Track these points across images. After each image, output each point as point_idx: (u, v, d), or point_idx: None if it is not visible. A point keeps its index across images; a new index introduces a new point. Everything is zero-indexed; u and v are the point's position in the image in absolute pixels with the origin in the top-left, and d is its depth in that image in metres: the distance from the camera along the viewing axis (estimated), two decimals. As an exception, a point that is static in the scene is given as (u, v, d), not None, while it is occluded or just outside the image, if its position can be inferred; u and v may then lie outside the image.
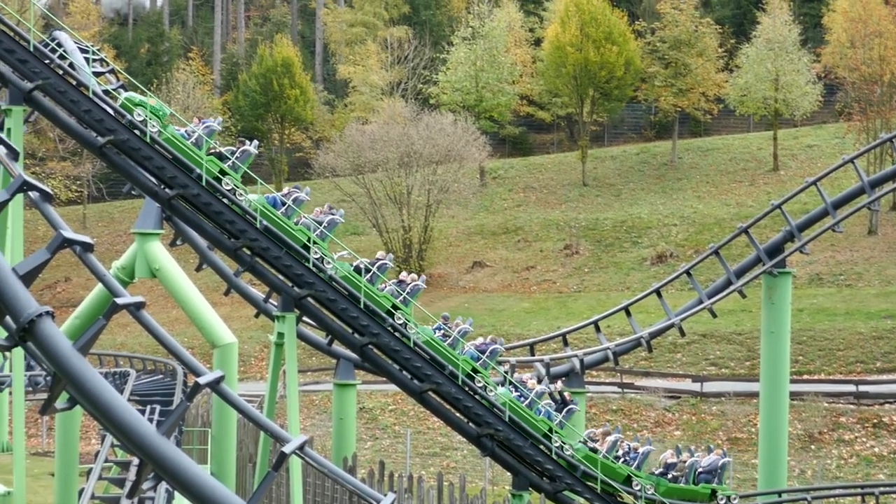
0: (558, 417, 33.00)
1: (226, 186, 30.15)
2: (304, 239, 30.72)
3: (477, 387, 31.91)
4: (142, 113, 29.54)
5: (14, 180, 15.52)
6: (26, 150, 39.23)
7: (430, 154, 75.78)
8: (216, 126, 31.10)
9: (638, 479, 33.47)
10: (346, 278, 31.29)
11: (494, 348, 33.03)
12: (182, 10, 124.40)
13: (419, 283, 32.23)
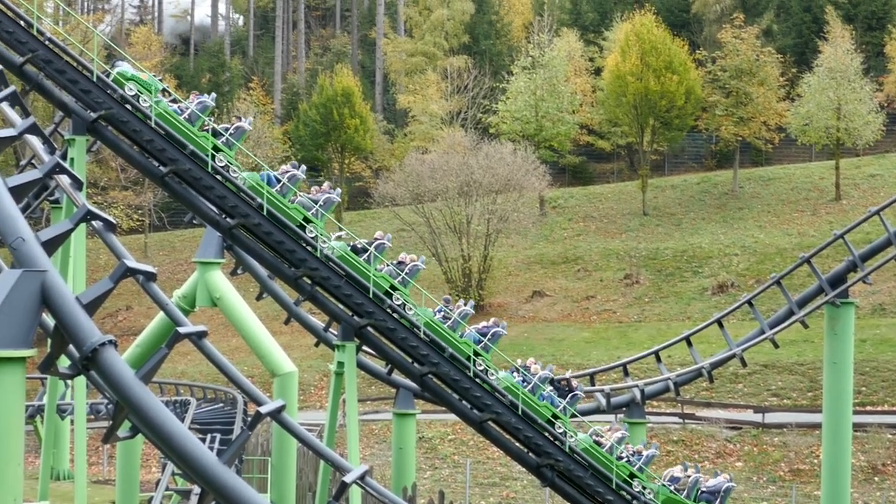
0: (562, 403, 32.52)
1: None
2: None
3: (478, 370, 31.48)
4: (133, 87, 29.59)
5: (78, 210, 15.64)
6: (88, 179, 39.56)
7: (490, 183, 75.70)
8: (209, 102, 31.08)
9: (639, 480, 33.00)
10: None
11: (496, 331, 32.53)
12: (243, 39, 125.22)
13: (418, 264, 31.86)
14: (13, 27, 29.24)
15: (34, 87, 29.95)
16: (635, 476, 32.55)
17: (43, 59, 29.31)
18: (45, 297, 13.77)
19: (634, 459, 33.18)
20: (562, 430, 32.13)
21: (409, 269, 31.41)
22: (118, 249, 18.52)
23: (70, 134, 29.74)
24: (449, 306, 31.98)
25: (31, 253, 14.01)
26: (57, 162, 15.56)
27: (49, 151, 30.21)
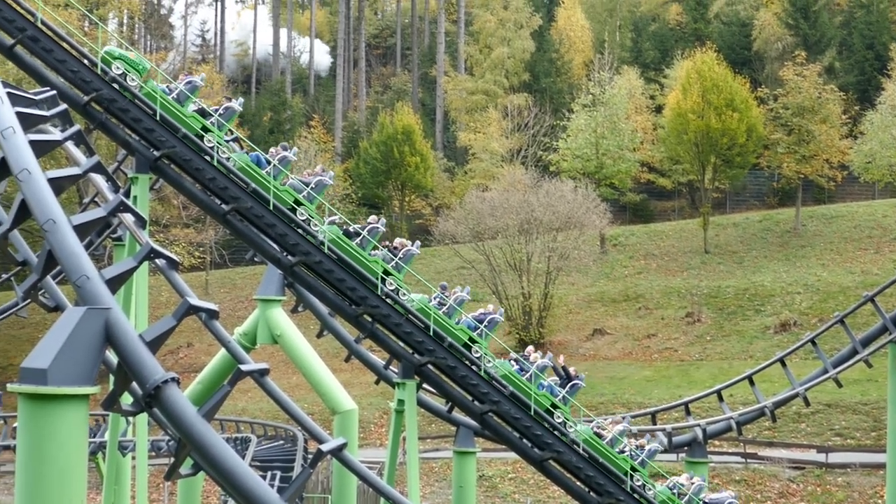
0: (562, 393, 32.12)
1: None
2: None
3: (474, 357, 31.11)
4: (120, 66, 29.69)
5: (141, 248, 15.71)
6: (151, 217, 39.80)
7: (551, 221, 75.60)
8: (199, 82, 31.13)
9: (640, 474, 32.52)
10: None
11: (493, 318, 32.18)
12: (304, 78, 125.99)
13: (412, 249, 31.58)
14: (78, 66, 29.53)
15: (98, 126, 30.20)
16: (637, 470, 32.09)
17: (107, 98, 29.56)
18: (109, 334, 13.84)
19: (637, 453, 32.74)
20: (561, 420, 31.75)
21: (403, 254, 31.20)
22: (181, 287, 18.57)
23: (133, 172, 29.95)
24: (445, 293, 31.69)
25: (95, 290, 14.08)
26: (121, 200, 15.65)
27: (112, 189, 30.48)
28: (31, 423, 13.66)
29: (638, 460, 32.52)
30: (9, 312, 49.15)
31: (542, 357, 32.55)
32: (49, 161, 62.05)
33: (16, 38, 29.41)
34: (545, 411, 31.50)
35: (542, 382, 31.78)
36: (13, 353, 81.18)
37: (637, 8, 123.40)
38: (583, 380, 33.46)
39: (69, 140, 17.73)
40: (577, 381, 32.84)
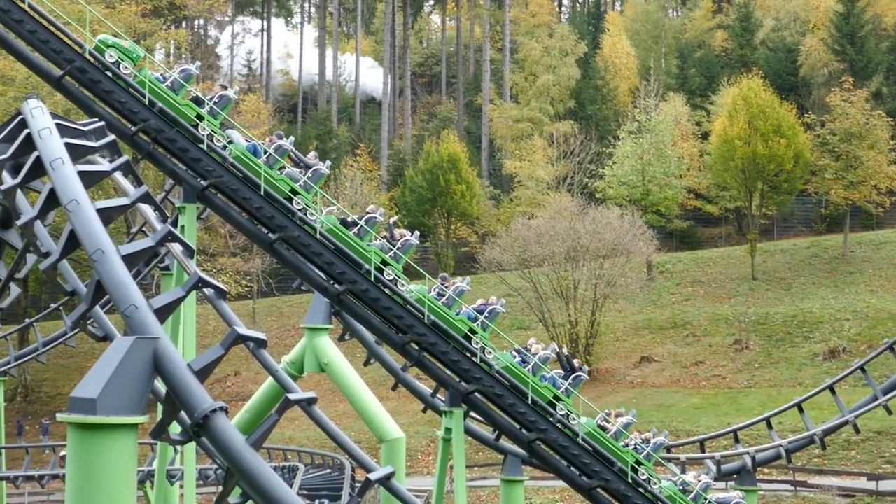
0: (564, 384, 31.82)
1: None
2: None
3: (475, 348, 30.85)
4: (114, 54, 29.77)
5: (190, 277, 15.76)
6: (198, 245, 40.01)
7: (597, 248, 75.44)
8: (194, 70, 31.19)
9: (645, 468, 32.14)
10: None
11: (494, 308, 31.91)
12: (350, 107, 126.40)
13: (410, 239, 31.44)
14: (125, 97, 29.72)
15: (146, 156, 30.39)
16: (642, 464, 31.79)
17: (154, 128, 29.75)
18: (158, 364, 13.87)
19: (642, 447, 32.43)
20: (564, 412, 31.50)
21: (401, 244, 31.07)
22: (229, 316, 18.61)
23: (181, 201, 30.08)
24: (446, 284, 31.52)
25: (144, 320, 14.14)
26: (169, 230, 15.70)
27: (160, 219, 30.60)
28: (80, 452, 13.70)
29: (643, 454, 32.25)
30: (58, 342, 49.52)
31: (544, 348, 32.31)
32: (97, 191, 62.48)
33: (64, 69, 29.65)
34: (547, 403, 31.26)
35: (544, 374, 31.54)
36: (62, 382, 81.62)
37: (682, 34, 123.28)
38: (586, 371, 33.13)
39: (117, 170, 17.83)
40: (580, 372, 32.54)
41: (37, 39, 29.68)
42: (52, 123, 17.47)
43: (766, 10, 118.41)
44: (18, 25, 29.52)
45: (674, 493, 32.29)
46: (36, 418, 76.28)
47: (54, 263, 16.21)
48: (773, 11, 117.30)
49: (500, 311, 31.74)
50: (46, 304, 66.21)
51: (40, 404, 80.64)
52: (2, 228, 20.93)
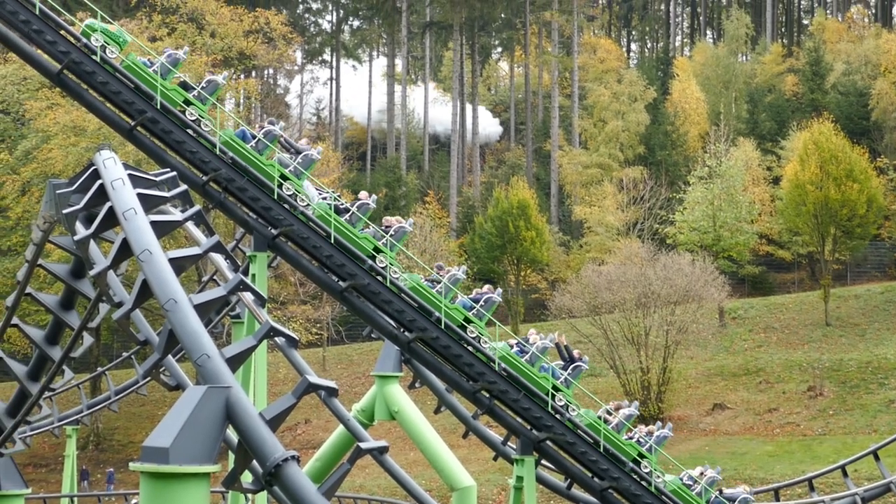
0: (564, 375, 31.34)
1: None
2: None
3: (470, 337, 30.47)
4: (100, 38, 29.85)
5: (261, 326, 15.79)
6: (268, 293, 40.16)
7: (668, 294, 74.98)
8: (181, 55, 31.24)
9: (648, 461, 31.54)
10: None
11: (489, 297, 31.53)
12: (419, 154, 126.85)
13: (404, 226, 31.18)
14: (197, 147, 29.96)
15: (217, 206, 30.61)
16: (644, 456, 31.29)
17: (225, 177, 29.95)
18: (230, 413, 13.91)
19: (645, 440, 31.94)
20: (563, 403, 31.07)
21: (394, 231, 30.91)
22: (300, 365, 18.67)
23: (252, 250, 30.25)
24: (441, 273, 31.31)
25: (216, 369, 14.18)
26: (241, 279, 15.77)
27: (231, 267, 30.79)
28: (153, 500, 13.75)
29: (646, 446, 31.82)
30: (130, 390, 49.89)
31: (543, 338, 31.99)
32: (169, 241, 62.97)
33: (136, 119, 29.94)
34: (546, 394, 30.91)
35: (543, 365, 31.22)
36: (134, 430, 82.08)
37: (752, 79, 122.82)
38: (586, 362, 32.74)
39: (189, 220, 17.95)
40: (580, 363, 32.17)
41: (108, 91, 30.02)
42: (124, 174, 17.61)
43: (836, 54, 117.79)
44: (90, 77, 29.87)
45: (678, 488, 31.88)
46: (107, 467, 76.72)
47: (127, 313, 16.31)
48: (844, 55, 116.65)
49: (496, 301, 31.58)
50: (118, 353, 66.62)
51: (112, 452, 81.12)
52: (75, 278, 21.11)
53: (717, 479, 33.62)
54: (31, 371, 23.48)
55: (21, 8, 29.58)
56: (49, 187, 21.18)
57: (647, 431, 32.50)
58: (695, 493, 32.52)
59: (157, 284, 15.10)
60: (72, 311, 22.61)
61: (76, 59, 29.70)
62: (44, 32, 29.75)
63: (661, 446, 32.53)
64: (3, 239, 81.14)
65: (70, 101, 68.77)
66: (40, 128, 79.07)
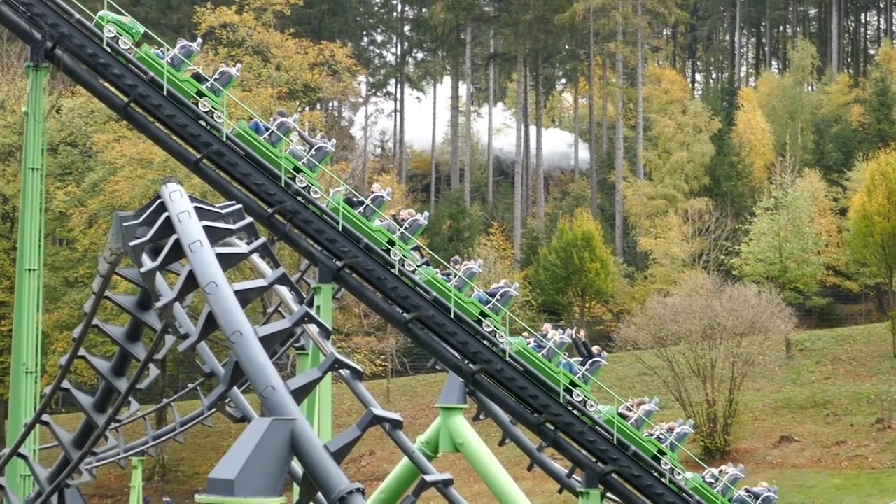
0: (581, 370, 30.95)
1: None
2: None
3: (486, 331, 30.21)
4: (112, 29, 29.89)
5: (326, 359, 15.78)
6: (333, 325, 40.25)
7: (734, 326, 74.49)
8: (195, 48, 31.30)
9: (668, 458, 31.06)
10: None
11: (506, 291, 31.25)
12: (482, 186, 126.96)
13: (418, 218, 31.09)
14: (262, 180, 30.12)
15: (282, 237, 30.76)
16: (664, 453, 30.90)
17: (290, 209, 30.10)
18: (295, 445, 13.90)
19: (665, 436, 31.54)
20: (580, 399, 30.74)
21: (409, 224, 30.82)
22: (364, 397, 18.68)
23: (316, 282, 30.37)
24: (457, 266, 31.18)
25: (281, 401, 14.19)
26: (306, 311, 15.78)
27: (296, 299, 30.87)
28: (218, 533, 13.74)
29: (666, 443, 31.50)
30: (195, 422, 50.07)
31: (562, 334, 31.84)
32: (235, 273, 63.25)
33: (201, 152, 30.15)
34: (564, 389, 30.69)
35: (560, 360, 31.01)
36: (199, 461, 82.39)
37: (819, 110, 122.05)
38: (605, 357, 32.55)
39: (255, 252, 18.01)
40: (598, 358, 31.94)
41: (175, 124, 30.27)
42: (190, 206, 17.69)
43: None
44: (157, 110, 30.13)
45: (700, 485, 31.57)
46: (172, 497, 76.99)
47: (193, 345, 16.36)
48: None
49: (513, 294, 31.54)
50: (184, 385, 67.00)
51: (177, 483, 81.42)
52: (141, 310, 21.19)
53: (740, 476, 33.41)
54: (98, 402, 23.55)
55: (88, 41, 29.91)
56: (116, 219, 21.29)
57: (668, 428, 32.34)
58: (716, 490, 32.34)
59: (222, 316, 15.15)
60: (138, 342, 22.70)
61: (143, 92, 29.98)
62: (110, 66, 30.06)
63: (681, 443, 32.35)
64: (71, 271, 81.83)
65: (137, 134, 69.34)
66: (107, 160, 79.78)
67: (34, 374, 30.93)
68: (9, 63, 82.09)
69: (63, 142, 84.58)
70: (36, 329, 31.12)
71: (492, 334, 30.80)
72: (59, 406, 76.41)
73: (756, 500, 33.42)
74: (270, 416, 14.02)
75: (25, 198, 31.38)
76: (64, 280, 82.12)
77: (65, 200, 79.85)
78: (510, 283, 32.33)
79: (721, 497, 31.87)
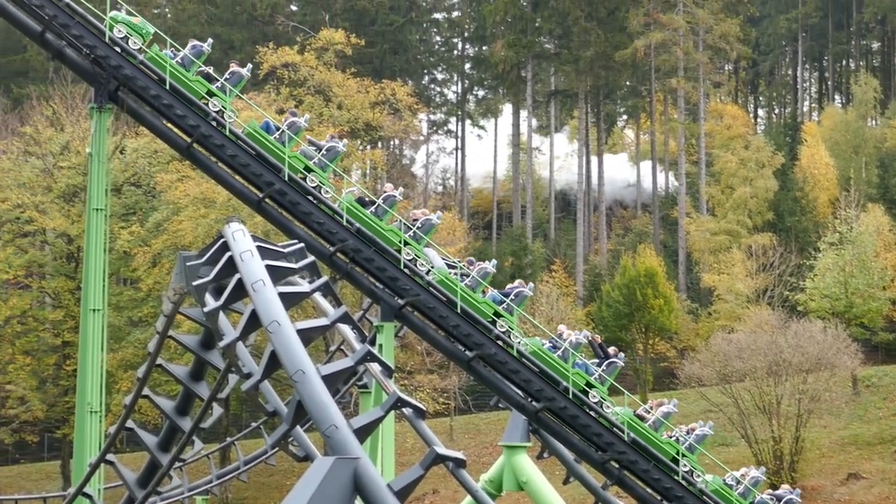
0: (598, 371, 30.49)
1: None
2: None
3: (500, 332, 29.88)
4: (122, 30, 29.89)
5: (389, 397, 15.74)
6: (395, 363, 40.27)
7: (800, 362, 73.88)
8: (206, 48, 31.27)
9: (688, 460, 30.50)
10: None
11: (521, 291, 30.89)
12: (544, 223, 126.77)
13: (432, 218, 30.85)
14: (324, 219, 30.21)
15: (344, 276, 30.82)
16: (684, 455, 30.40)
17: (352, 248, 30.15)
18: (358, 484, 13.87)
19: (684, 438, 31.06)
20: (597, 400, 30.33)
21: (422, 223, 30.65)
22: (427, 436, 18.60)
23: (379, 320, 30.40)
24: (471, 267, 30.98)
25: (344, 440, 14.17)
26: (368, 350, 15.78)
27: (358, 338, 30.92)
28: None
29: (685, 444, 31.09)
30: (258, 460, 50.21)
31: (578, 335, 31.58)
32: (297, 312, 63.44)
33: (264, 192, 30.28)
34: (580, 391, 30.38)
35: (577, 361, 30.73)
36: (263, 500, 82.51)
37: (883, 143, 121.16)
38: (622, 358, 32.22)
39: (317, 291, 18.04)
40: (615, 359, 31.61)
41: (237, 164, 30.44)
42: (253, 246, 17.77)
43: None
44: (219, 150, 30.32)
45: (720, 488, 31.16)
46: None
47: (256, 384, 16.39)
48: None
49: (527, 294, 31.39)
50: (247, 423, 67.22)
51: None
52: (205, 349, 21.27)
53: (761, 479, 33.08)
54: (162, 442, 23.64)
55: (151, 82, 30.16)
56: (179, 259, 21.41)
57: (689, 429, 32.06)
58: (737, 493, 32.01)
59: (285, 355, 15.18)
60: (201, 381, 22.79)
61: (205, 133, 30.18)
62: (173, 107, 30.30)
63: (701, 445, 32.05)
64: (135, 310, 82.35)
65: (200, 174, 69.84)
66: (171, 200, 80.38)
67: (99, 414, 31.10)
68: (73, 104, 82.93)
69: (127, 182, 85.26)
70: (100, 368, 31.32)
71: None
72: (123, 445, 76.72)
73: (779, 502, 33.14)
74: (333, 455, 14.01)
75: (90, 238, 31.64)
76: (128, 319, 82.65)
77: (129, 240, 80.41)
78: (524, 284, 32.29)
79: (743, 500, 31.57)
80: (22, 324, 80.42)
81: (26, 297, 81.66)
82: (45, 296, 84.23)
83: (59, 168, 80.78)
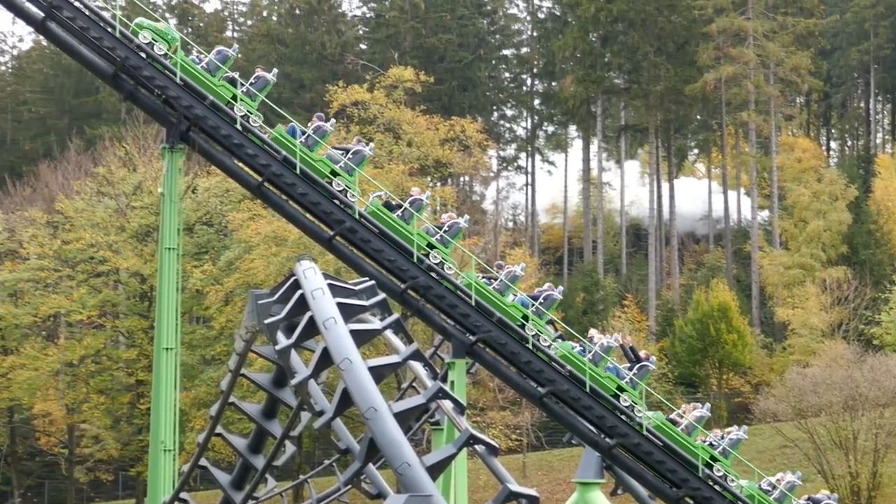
0: (629, 375, 29.95)
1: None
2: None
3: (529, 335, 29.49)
4: (147, 35, 29.88)
5: (461, 435, 15.69)
6: (467, 400, 40.23)
7: (877, 397, 72.99)
8: (231, 53, 31.19)
9: (721, 464, 29.86)
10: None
11: (550, 294, 30.47)
12: (616, 258, 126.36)
13: (459, 222, 30.55)
14: (395, 256, 30.26)
15: (415, 313, 30.84)
16: (717, 459, 29.83)
17: (423, 285, 30.15)
18: (431, 522, 13.81)
19: (718, 442, 30.50)
20: (628, 404, 29.85)
21: (448, 227, 30.44)
22: (500, 473, 18.50)
23: (450, 357, 30.39)
24: (500, 271, 30.75)
25: (417, 478, 14.13)
26: (440, 387, 15.76)
27: (430, 374, 30.94)
28: None
29: (718, 449, 30.60)
30: (331, 498, 50.11)
31: (609, 339, 31.24)
32: (369, 349, 63.50)
33: (334, 230, 30.38)
34: (611, 395, 30.02)
35: (608, 364, 30.41)
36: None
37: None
38: (654, 362, 31.88)
39: (388, 329, 18.04)
40: (646, 363, 31.24)
41: (308, 202, 30.56)
42: (324, 284, 17.81)
43: None
44: (290, 189, 30.46)
45: (755, 493, 30.66)
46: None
47: (328, 421, 16.40)
48: None
49: (556, 298, 31.17)
50: (320, 461, 67.23)
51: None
52: (277, 387, 21.34)
53: (797, 484, 32.59)
54: (235, 480, 23.73)
55: (222, 122, 30.39)
56: (251, 298, 21.51)
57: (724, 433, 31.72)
58: (773, 498, 31.58)
59: (357, 393, 15.18)
60: (274, 419, 22.86)
61: (276, 172, 30.34)
62: (244, 146, 30.49)
63: (735, 449, 31.67)
64: (208, 348, 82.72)
65: (271, 212, 70.18)
66: (242, 238, 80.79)
67: (172, 452, 31.21)
68: (145, 145, 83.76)
69: (199, 221, 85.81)
70: (174, 407, 31.45)
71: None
72: (197, 483, 76.97)
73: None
74: (406, 492, 13.97)
75: (162, 277, 31.85)
76: (201, 358, 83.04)
77: (201, 279, 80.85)
78: (554, 287, 32.19)
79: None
80: (96, 363, 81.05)
81: (100, 336, 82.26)
82: (118, 335, 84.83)
83: (131, 208, 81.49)
